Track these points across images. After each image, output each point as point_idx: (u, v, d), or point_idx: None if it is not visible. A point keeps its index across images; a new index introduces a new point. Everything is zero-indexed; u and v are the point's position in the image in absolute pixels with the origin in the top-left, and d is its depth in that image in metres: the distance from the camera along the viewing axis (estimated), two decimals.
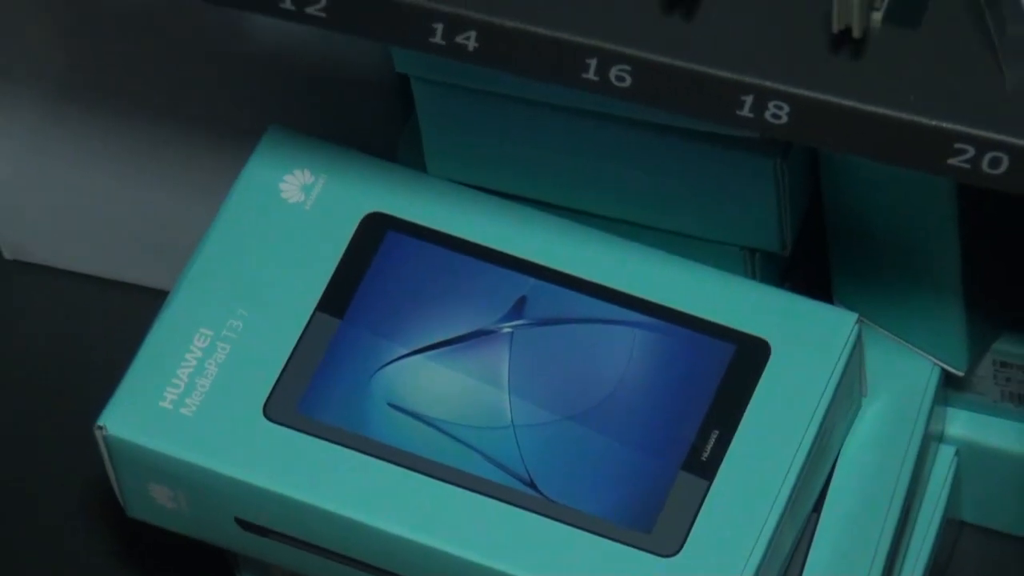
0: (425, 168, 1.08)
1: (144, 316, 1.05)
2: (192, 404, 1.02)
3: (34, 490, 1.19)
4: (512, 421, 1.02)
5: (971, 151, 0.86)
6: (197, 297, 1.05)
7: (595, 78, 0.89)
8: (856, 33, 0.85)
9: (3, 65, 1.14)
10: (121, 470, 1.04)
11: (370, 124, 1.10)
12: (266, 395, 1.03)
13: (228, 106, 1.12)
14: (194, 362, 1.03)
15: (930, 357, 1.08)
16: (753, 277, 1.06)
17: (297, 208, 1.06)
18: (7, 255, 1.24)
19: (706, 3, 0.88)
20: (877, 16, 0.87)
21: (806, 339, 1.03)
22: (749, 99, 0.88)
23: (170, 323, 1.05)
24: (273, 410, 1.02)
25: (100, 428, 1.02)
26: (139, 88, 1.13)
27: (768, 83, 0.87)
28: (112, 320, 1.16)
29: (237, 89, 1.11)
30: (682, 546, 1.00)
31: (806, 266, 1.09)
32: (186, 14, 1.01)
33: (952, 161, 0.86)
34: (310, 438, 1.02)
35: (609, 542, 1.00)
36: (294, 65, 1.10)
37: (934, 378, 1.07)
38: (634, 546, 0.99)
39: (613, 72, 0.88)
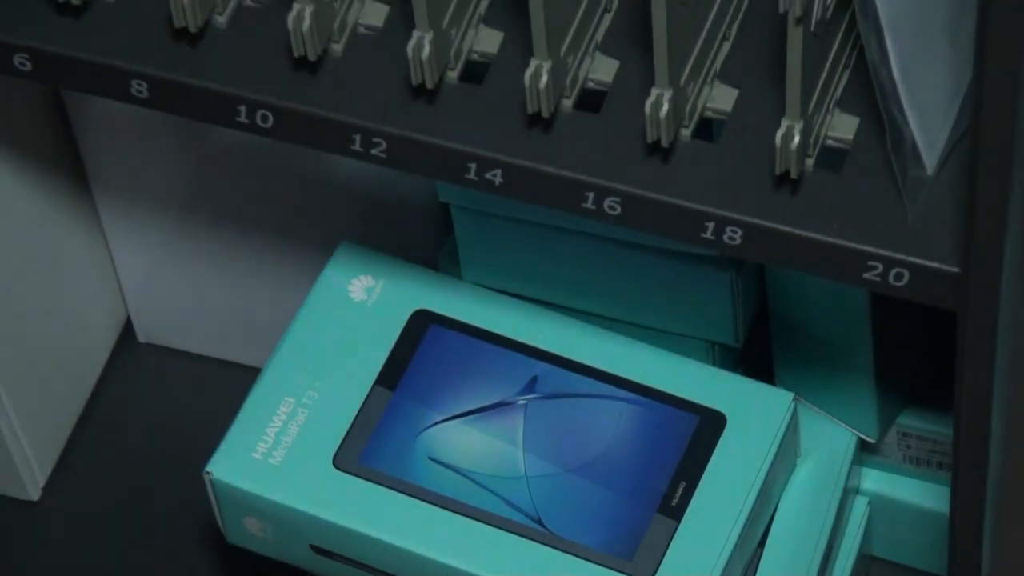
0: (460, 275, 1.08)
1: (244, 387, 1.06)
2: (278, 456, 1.03)
3: (159, 521, 1.19)
4: (525, 472, 1.03)
5: (880, 267, 0.86)
6: (283, 373, 1.06)
7: (592, 207, 0.89)
8: (793, 175, 0.86)
9: (143, 189, 1.14)
10: (223, 506, 1.04)
11: (418, 239, 1.10)
12: (335, 449, 1.04)
13: (314, 222, 1.13)
14: (280, 423, 1.04)
15: (850, 428, 1.08)
16: (713, 363, 1.07)
17: (361, 305, 1.07)
18: (141, 339, 1.24)
19: (678, 150, 0.89)
20: (809, 162, 0.87)
21: (754, 413, 1.03)
22: (711, 225, 0.88)
23: (262, 392, 1.05)
24: (340, 461, 1.03)
25: (208, 473, 1.03)
26: (246, 207, 1.13)
27: (725, 213, 0.88)
28: (219, 391, 1.16)
29: (321, 209, 1.12)
30: (655, 572, 1.01)
31: (755, 354, 1.09)
32: (282, 152, 1.02)
33: (866, 275, 0.87)
34: (369, 483, 1.02)
35: (598, 567, 1.01)
36: (363, 192, 1.10)
37: (852, 444, 1.08)
38: (617, 571, 1.01)
39: (606, 203, 0.89)
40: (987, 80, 0.76)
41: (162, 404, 1.24)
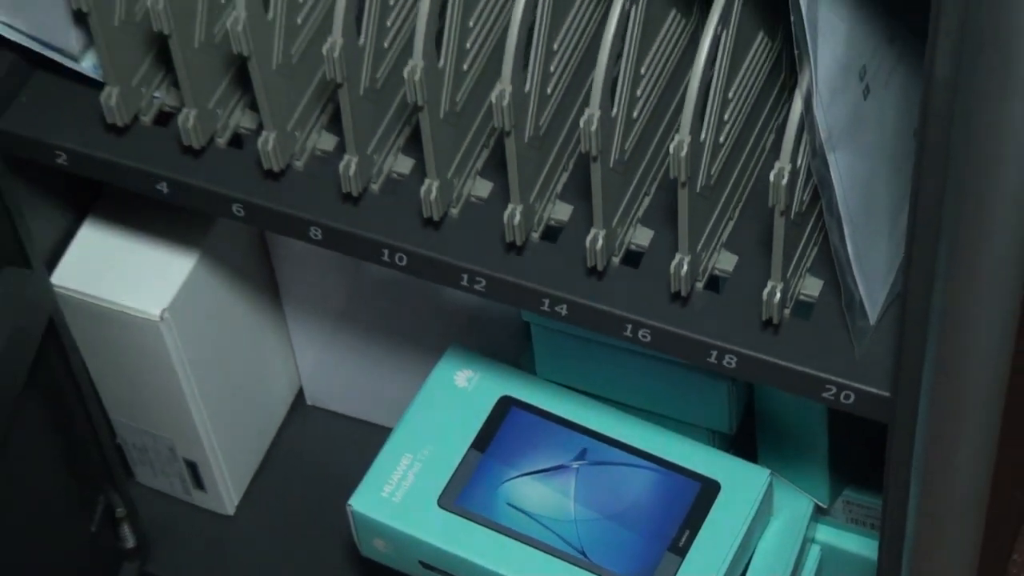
0: (536, 371, 1.08)
1: (378, 443, 1.05)
2: (399, 495, 1.03)
3: (317, 537, 1.20)
4: (575, 517, 1.02)
5: (834, 389, 0.86)
6: (406, 435, 1.05)
7: (630, 335, 0.89)
8: (775, 321, 0.86)
9: (317, 293, 1.15)
10: (359, 530, 1.04)
11: (506, 344, 1.10)
12: (439, 493, 1.03)
13: (435, 328, 1.13)
14: (401, 472, 1.04)
15: (809, 496, 1.07)
16: (712, 444, 1.06)
17: (463, 390, 1.07)
18: (308, 402, 1.25)
19: (693, 298, 0.88)
20: (787, 312, 0.87)
21: (740, 482, 1.02)
22: (715, 353, 0.88)
23: (390, 448, 1.05)
24: (443, 502, 1.03)
25: (350, 506, 1.03)
26: (388, 312, 1.14)
27: (725, 345, 0.87)
28: (361, 444, 1.16)
29: (440, 319, 1.12)
30: None
31: (743, 438, 1.08)
32: (414, 285, 1.02)
33: (824, 395, 0.86)
34: (462, 519, 1.02)
35: None
36: (469, 310, 1.10)
37: (810, 507, 1.07)
38: None
39: (640, 333, 0.89)
40: (914, 259, 0.76)
41: (322, 451, 1.24)
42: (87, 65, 0.95)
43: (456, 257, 0.91)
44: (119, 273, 1.06)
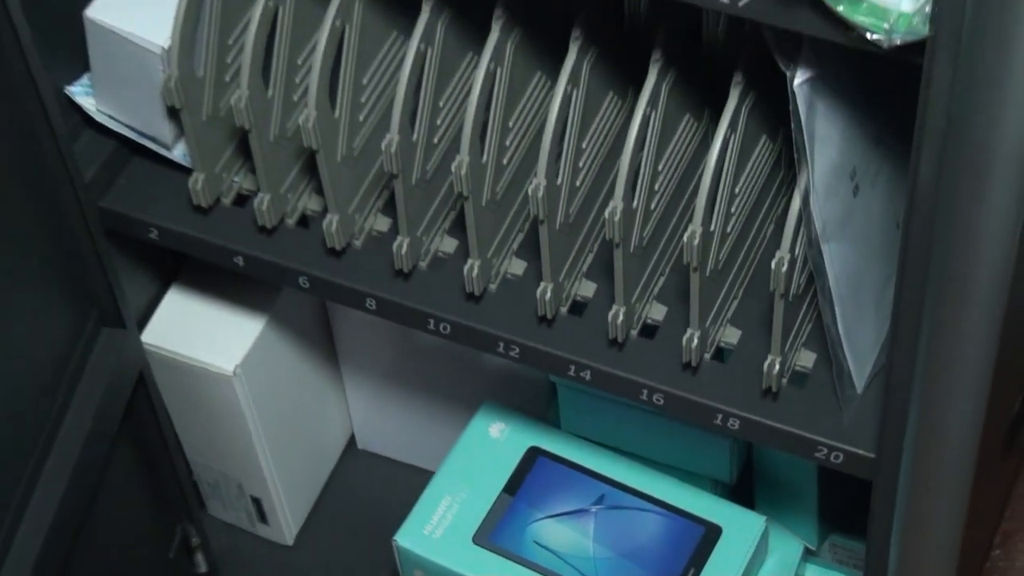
0: (560, 425, 1.07)
1: (421, 485, 1.05)
2: (438, 533, 1.02)
3: (365, 567, 1.20)
4: (593, 555, 1.01)
5: (825, 450, 0.86)
6: (445, 479, 1.04)
7: (645, 399, 0.89)
8: (774, 389, 0.85)
9: (369, 351, 1.15)
10: (403, 562, 1.03)
11: (535, 400, 1.09)
12: (474, 531, 1.02)
13: (472, 386, 1.13)
14: (441, 512, 1.02)
15: (800, 539, 1.06)
16: (715, 492, 1.05)
17: (496, 441, 1.06)
18: (360, 447, 1.24)
19: (702, 367, 0.88)
20: (784, 381, 0.86)
21: (739, 527, 1.01)
22: (720, 416, 0.88)
23: (432, 491, 1.04)
24: (477, 539, 1.01)
25: (395, 540, 1.02)
26: (430, 371, 1.14)
27: (729, 409, 0.87)
28: (406, 485, 1.14)
29: (477, 378, 1.12)
30: None
31: (742, 487, 1.07)
32: (455, 349, 1.01)
33: (816, 454, 0.86)
34: (494, 555, 1.01)
35: None
36: (502, 372, 1.10)
37: (800, 549, 1.05)
38: None
39: (655, 397, 0.88)
40: (899, 338, 0.76)
41: (370, 491, 1.23)
42: (178, 153, 0.95)
43: (494, 327, 0.91)
44: (199, 333, 1.07)
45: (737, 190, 0.84)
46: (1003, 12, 0.62)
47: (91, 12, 0.90)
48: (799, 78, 0.74)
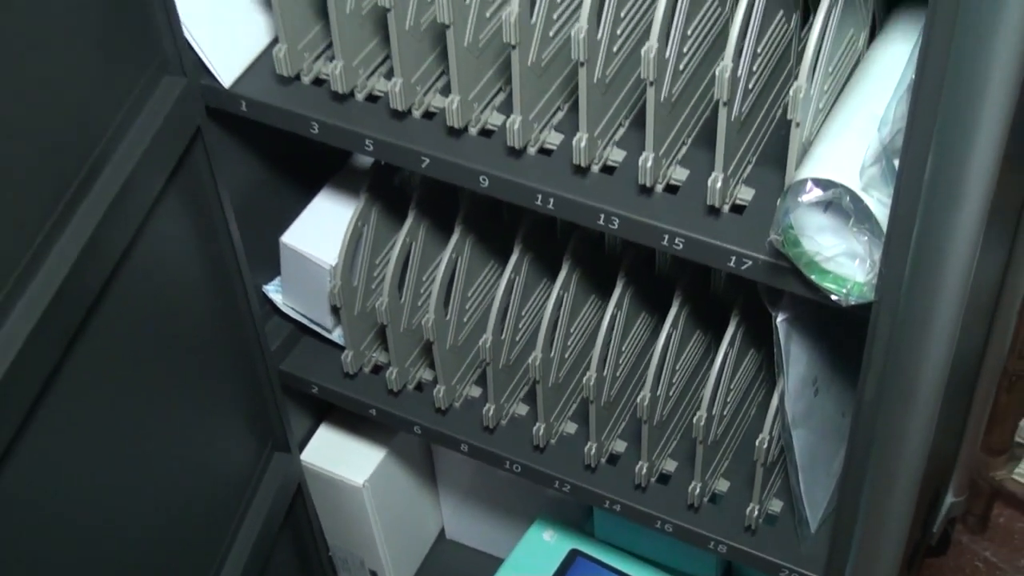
0: (595, 534, 1.05)
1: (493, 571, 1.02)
2: None
3: None
4: None
5: (787, 572, 0.85)
6: (510, 568, 1.03)
7: (659, 528, 0.87)
8: (753, 527, 0.84)
9: (454, 470, 1.11)
10: None
11: (577, 516, 1.07)
12: None
13: (533, 499, 1.09)
14: None
15: None
16: None
17: (547, 543, 1.04)
18: (448, 536, 1.21)
19: (704, 508, 0.87)
20: (760, 521, 0.85)
21: None
22: (712, 542, 0.86)
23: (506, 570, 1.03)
24: None
25: None
26: (499, 488, 1.10)
27: (719, 538, 0.86)
28: (484, 570, 1.11)
29: (535, 500, 1.07)
30: None
31: None
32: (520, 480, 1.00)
33: (780, 574, 0.85)
34: None
35: None
36: (556, 499, 1.07)
37: None
38: None
39: (666, 526, 0.87)
40: (844, 494, 0.75)
41: (454, 569, 1.20)
42: (336, 335, 0.96)
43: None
44: (340, 457, 1.06)
45: (732, 386, 0.84)
46: (927, 290, 0.63)
47: (285, 238, 0.91)
48: (780, 317, 0.74)
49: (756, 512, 0.84)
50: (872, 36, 0.69)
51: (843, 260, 0.64)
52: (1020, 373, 1.09)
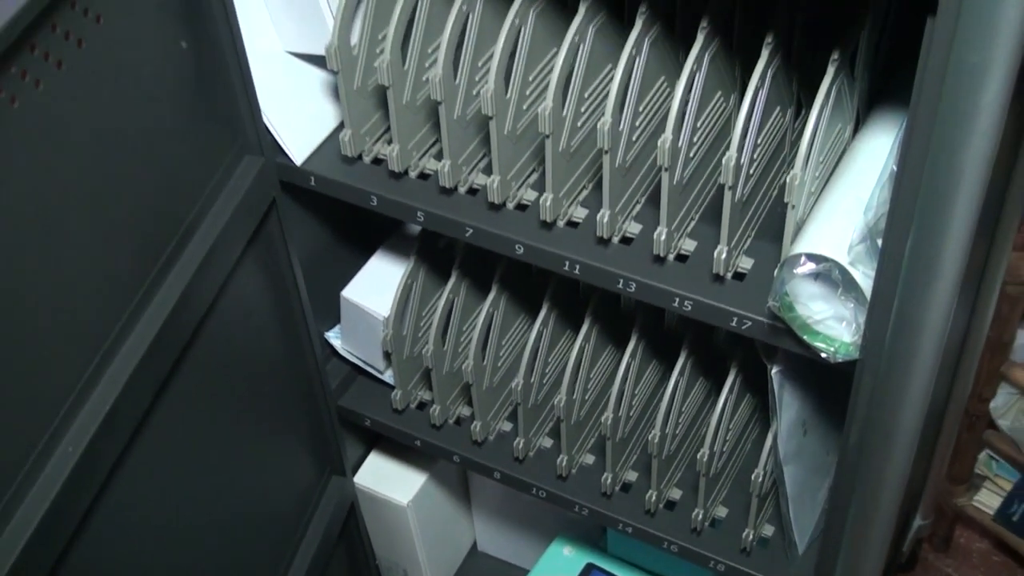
0: (608, 549, 1.04)
1: None
2: None
3: None
4: None
5: None
6: (540, 571, 1.01)
7: (665, 548, 0.86)
8: (748, 550, 0.82)
9: (486, 494, 1.10)
10: None
11: (592, 532, 1.04)
12: None
13: (554, 519, 1.07)
14: None
15: None
16: None
17: (567, 557, 1.03)
18: (480, 549, 1.19)
19: (705, 532, 0.85)
20: (754, 544, 0.83)
21: None
22: (711, 562, 0.85)
23: None
24: None
25: None
26: (528, 509, 1.07)
27: (719, 559, 0.84)
28: None
29: (558, 517, 1.05)
30: None
31: None
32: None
33: None
34: None
35: None
36: (573, 516, 1.05)
37: None
38: None
39: (671, 547, 0.86)
40: (831, 521, 0.74)
41: None
42: (387, 376, 0.96)
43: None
44: (388, 480, 1.05)
45: (730, 426, 0.83)
46: (905, 351, 0.62)
47: (345, 292, 0.91)
48: (775, 369, 0.74)
49: (751, 536, 0.83)
50: (856, 129, 0.69)
51: (832, 323, 0.64)
52: (978, 414, 1.09)
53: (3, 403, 0.54)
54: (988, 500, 1.15)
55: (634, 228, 0.73)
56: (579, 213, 0.74)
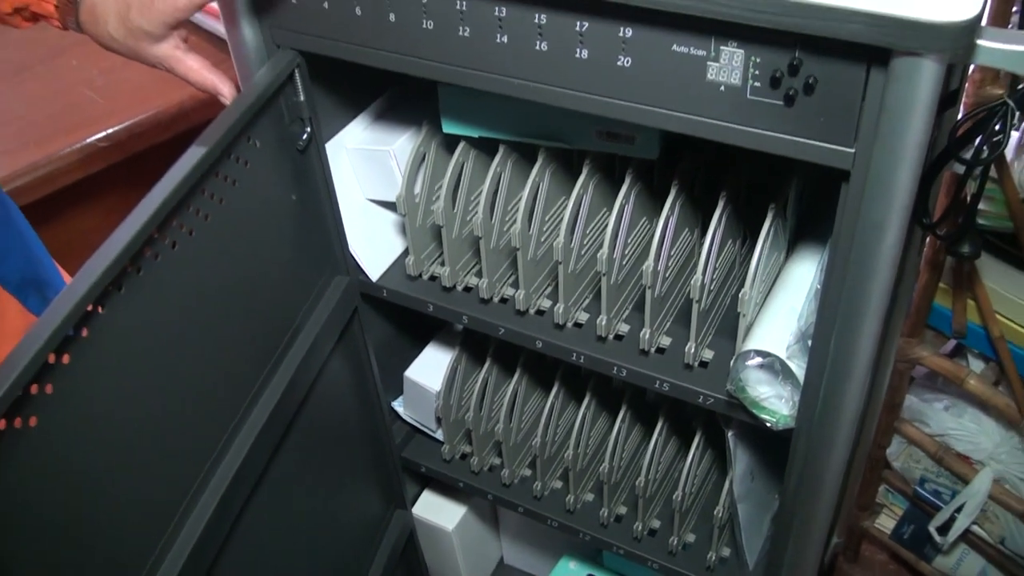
0: (604, 564, 1.01)
1: None
2: None
3: None
4: None
5: None
6: None
7: None
8: (711, 566, 0.79)
9: (512, 520, 1.07)
10: None
11: (593, 551, 1.01)
12: None
13: (557, 541, 1.03)
14: None
15: None
16: None
17: (572, 570, 0.98)
18: (506, 562, 1.14)
19: (679, 553, 0.83)
20: (715, 561, 0.80)
21: None
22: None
23: None
24: None
25: None
26: (545, 531, 1.03)
27: (689, 574, 0.82)
28: None
29: (570, 544, 1.00)
30: None
31: None
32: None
33: None
34: None
35: None
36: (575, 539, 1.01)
37: None
38: None
39: (653, 565, 0.83)
40: (775, 545, 0.72)
41: None
42: (438, 434, 0.94)
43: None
44: (437, 511, 1.03)
45: (697, 472, 0.82)
46: (829, 423, 0.62)
47: (408, 373, 0.90)
48: (731, 432, 0.73)
49: (714, 557, 0.81)
50: (787, 255, 0.70)
51: (774, 401, 0.64)
52: (878, 458, 1.08)
53: (168, 462, 0.58)
54: (886, 523, 1.14)
55: (624, 328, 0.73)
56: (583, 317, 0.75)
